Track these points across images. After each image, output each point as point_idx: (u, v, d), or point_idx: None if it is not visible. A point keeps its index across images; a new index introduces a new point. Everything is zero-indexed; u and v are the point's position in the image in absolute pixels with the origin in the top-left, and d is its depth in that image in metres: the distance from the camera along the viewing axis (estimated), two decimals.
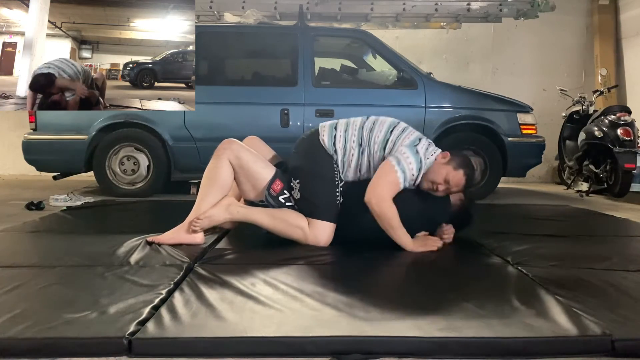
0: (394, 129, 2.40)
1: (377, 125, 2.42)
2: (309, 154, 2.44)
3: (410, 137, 2.35)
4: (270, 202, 2.36)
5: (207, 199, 2.33)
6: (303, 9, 4.87)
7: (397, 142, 2.34)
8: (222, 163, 2.31)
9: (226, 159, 2.31)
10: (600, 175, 4.80)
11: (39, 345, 1.31)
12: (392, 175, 2.23)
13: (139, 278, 1.80)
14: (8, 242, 2.46)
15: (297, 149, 2.51)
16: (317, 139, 2.44)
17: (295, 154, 2.51)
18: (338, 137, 2.41)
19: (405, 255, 2.23)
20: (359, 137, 2.40)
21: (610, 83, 6.20)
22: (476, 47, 6.87)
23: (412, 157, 2.27)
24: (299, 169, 2.41)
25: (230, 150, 2.32)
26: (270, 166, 2.41)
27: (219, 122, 4.41)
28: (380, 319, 1.48)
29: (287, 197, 2.37)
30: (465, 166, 2.33)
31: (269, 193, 2.34)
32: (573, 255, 2.27)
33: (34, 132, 4.43)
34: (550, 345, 1.37)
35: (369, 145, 2.38)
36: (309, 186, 2.35)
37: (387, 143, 2.35)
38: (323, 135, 2.44)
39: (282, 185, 2.36)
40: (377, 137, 2.38)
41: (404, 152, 2.27)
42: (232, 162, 2.31)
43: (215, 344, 1.33)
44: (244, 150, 2.35)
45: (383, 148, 2.36)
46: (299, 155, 2.48)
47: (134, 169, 4.50)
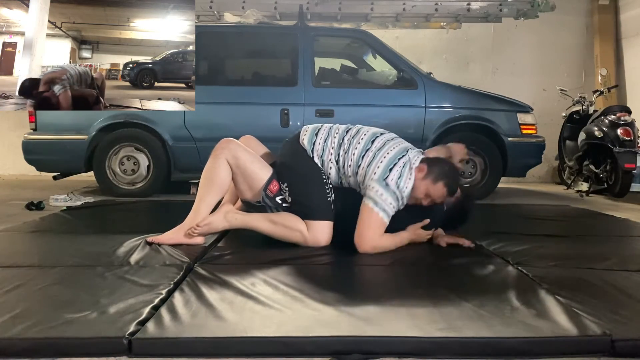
0: (376, 139, 2.35)
1: (356, 138, 2.36)
2: (293, 157, 2.43)
3: (383, 162, 2.25)
4: (267, 202, 2.35)
5: (206, 200, 2.32)
6: (303, 9, 4.87)
7: (376, 155, 2.27)
8: (219, 163, 2.30)
9: (224, 159, 2.30)
10: (600, 175, 4.79)
11: (39, 345, 1.31)
12: (374, 217, 2.21)
13: (139, 278, 1.80)
14: (8, 242, 2.46)
15: (282, 152, 2.52)
16: (297, 142, 2.44)
17: (280, 157, 2.51)
18: (317, 145, 2.40)
19: (405, 255, 2.23)
20: (337, 150, 2.36)
21: (610, 83, 6.20)
22: (476, 47, 6.87)
23: (385, 193, 2.21)
24: (285, 173, 2.40)
25: (227, 150, 2.31)
26: (268, 167, 2.40)
27: (219, 122, 4.41)
28: (380, 319, 1.48)
29: (283, 198, 2.37)
30: (443, 177, 2.28)
31: (266, 194, 2.34)
32: (573, 255, 2.27)
33: (34, 132, 4.43)
34: (550, 345, 1.37)
35: (344, 163, 2.35)
36: (298, 189, 2.35)
37: (367, 153, 2.30)
38: (303, 139, 2.43)
39: (278, 186, 2.36)
40: (353, 154, 2.33)
41: (377, 190, 2.21)
42: (230, 161, 2.30)
43: (215, 344, 1.33)
44: (241, 150, 2.34)
45: (361, 157, 2.31)
46: (284, 158, 2.48)
47: (134, 169, 4.50)
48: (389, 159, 2.26)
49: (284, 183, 2.37)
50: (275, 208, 2.36)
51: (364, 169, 2.28)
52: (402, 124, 4.53)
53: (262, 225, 2.34)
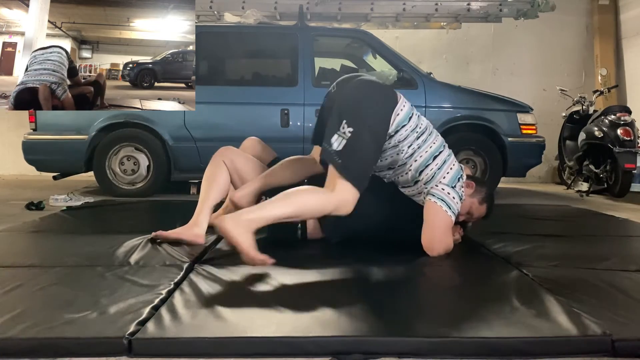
0: (437, 156, 2.23)
1: (427, 143, 2.23)
2: (375, 107, 2.09)
3: (451, 173, 2.21)
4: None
5: (208, 201, 2.39)
6: (303, 9, 4.88)
7: (436, 174, 2.20)
8: (218, 164, 2.44)
9: (222, 162, 2.44)
10: (600, 175, 4.80)
11: (39, 345, 1.31)
12: (446, 218, 2.15)
13: (139, 278, 1.80)
14: (8, 242, 2.46)
15: (349, 86, 2.19)
16: (391, 104, 2.14)
17: (346, 91, 2.17)
18: (404, 129, 2.15)
19: (405, 255, 2.23)
20: (414, 142, 2.18)
21: (610, 83, 6.21)
22: (476, 47, 6.87)
23: (456, 196, 2.18)
24: (352, 111, 2.04)
25: (225, 156, 2.46)
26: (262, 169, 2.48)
27: (219, 122, 4.41)
28: (380, 319, 1.48)
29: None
30: (488, 200, 2.34)
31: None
32: (573, 255, 2.27)
33: (34, 132, 4.43)
34: (550, 345, 1.37)
35: (405, 163, 2.20)
36: (361, 137, 2.00)
37: (440, 155, 2.23)
38: (399, 112, 2.13)
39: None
40: (426, 151, 2.20)
41: (448, 192, 2.16)
42: (228, 165, 2.44)
43: (215, 344, 1.33)
44: (237, 154, 2.48)
45: (433, 158, 2.21)
46: (354, 92, 2.14)
47: (134, 169, 4.50)
48: (458, 167, 2.27)
49: (349, 125, 2.00)
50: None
51: (433, 170, 2.19)
52: None
53: (282, 210, 1.93)
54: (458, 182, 2.22)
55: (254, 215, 1.88)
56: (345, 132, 2.00)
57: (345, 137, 1.99)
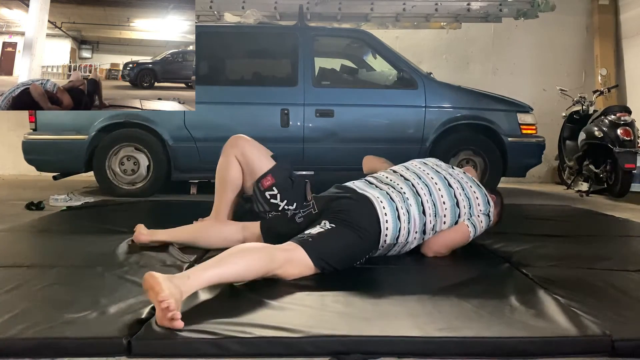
0: (456, 196, 2.24)
1: (438, 202, 2.18)
2: (361, 216, 2.05)
3: (479, 197, 2.30)
4: (257, 196, 2.30)
5: (224, 199, 2.41)
6: (303, 9, 4.87)
7: (472, 205, 2.26)
8: (229, 161, 2.38)
9: (233, 157, 2.37)
10: (600, 175, 4.80)
11: (39, 345, 1.31)
12: (465, 239, 2.26)
13: (139, 278, 1.80)
14: (8, 242, 2.46)
15: (345, 194, 2.17)
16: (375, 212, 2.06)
17: (342, 198, 2.14)
18: (401, 237, 2.12)
19: (405, 255, 2.23)
20: (420, 231, 2.16)
21: (610, 83, 6.20)
22: (476, 47, 6.87)
23: (485, 222, 2.30)
24: (340, 217, 2.03)
25: (237, 147, 2.38)
26: (272, 162, 2.37)
27: (219, 122, 4.41)
28: (380, 319, 1.48)
29: (274, 195, 2.27)
30: (502, 210, 2.46)
31: (258, 186, 2.30)
32: (573, 255, 2.28)
33: (34, 132, 4.43)
34: (550, 345, 1.37)
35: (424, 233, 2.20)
36: (334, 240, 1.97)
37: (460, 214, 2.24)
38: (386, 234, 2.07)
39: (272, 181, 2.29)
40: (444, 214, 2.19)
41: (482, 221, 2.28)
42: (239, 158, 2.37)
43: (215, 344, 1.33)
44: (249, 146, 2.39)
45: (456, 222, 2.24)
46: (346, 204, 2.10)
47: (134, 169, 4.50)
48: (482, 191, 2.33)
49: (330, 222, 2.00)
50: (262, 205, 2.29)
51: (465, 207, 2.24)
52: (402, 124, 4.54)
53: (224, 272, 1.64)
54: (489, 205, 2.31)
55: (191, 282, 1.54)
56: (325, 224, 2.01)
57: (324, 228, 1.99)
